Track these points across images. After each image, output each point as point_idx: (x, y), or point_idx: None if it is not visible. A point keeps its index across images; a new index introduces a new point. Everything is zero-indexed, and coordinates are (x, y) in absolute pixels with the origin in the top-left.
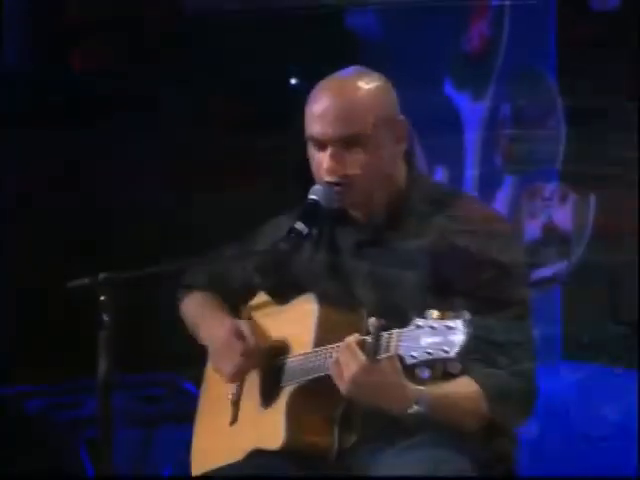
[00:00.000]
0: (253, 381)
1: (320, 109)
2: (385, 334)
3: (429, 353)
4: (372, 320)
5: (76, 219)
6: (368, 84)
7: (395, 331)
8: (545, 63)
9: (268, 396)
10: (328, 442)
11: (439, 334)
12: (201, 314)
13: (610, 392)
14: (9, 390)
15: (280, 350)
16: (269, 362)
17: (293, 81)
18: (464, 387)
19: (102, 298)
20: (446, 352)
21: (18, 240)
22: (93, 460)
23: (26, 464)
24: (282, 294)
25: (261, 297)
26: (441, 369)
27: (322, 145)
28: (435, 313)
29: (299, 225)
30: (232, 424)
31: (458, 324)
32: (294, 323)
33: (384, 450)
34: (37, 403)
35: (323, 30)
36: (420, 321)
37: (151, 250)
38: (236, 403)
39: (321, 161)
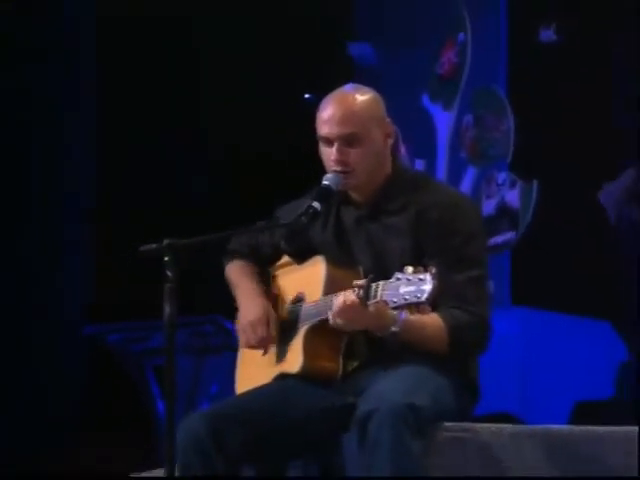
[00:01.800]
0: (281, 321)
1: (327, 115)
2: (374, 285)
3: (405, 299)
4: (361, 282)
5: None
6: (362, 95)
7: (381, 283)
8: (498, 82)
9: (290, 333)
10: (335, 367)
11: (413, 284)
12: (240, 283)
13: (549, 333)
14: (95, 327)
15: (298, 298)
16: (290, 307)
17: (307, 95)
18: (430, 319)
19: (166, 259)
20: (418, 297)
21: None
22: (159, 381)
23: (107, 385)
24: (301, 256)
25: (284, 259)
26: (415, 311)
27: (330, 142)
28: (410, 269)
29: (315, 204)
30: (264, 354)
31: (427, 276)
32: (308, 278)
33: (379, 372)
34: (116, 337)
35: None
36: (399, 275)
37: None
38: None
39: (330, 155)
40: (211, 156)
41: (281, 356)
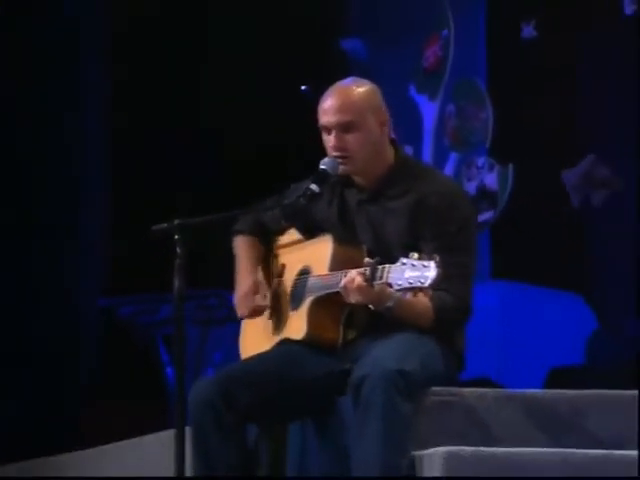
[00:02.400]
0: (286, 291)
1: (327, 105)
2: (380, 267)
3: (410, 283)
4: (367, 261)
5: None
6: (360, 87)
7: (387, 266)
8: (478, 75)
9: (296, 302)
10: (335, 336)
11: (418, 270)
12: (240, 260)
13: (526, 304)
14: (108, 300)
15: (304, 271)
16: (296, 279)
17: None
18: (420, 298)
19: (176, 237)
20: (422, 283)
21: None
22: (168, 349)
23: (119, 354)
24: (308, 233)
25: (291, 234)
26: (417, 294)
27: (329, 130)
28: (415, 255)
29: (313, 186)
30: (270, 318)
31: (431, 264)
32: (315, 253)
33: (374, 340)
34: (127, 310)
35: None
36: (404, 260)
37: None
38: (273, 305)
39: (329, 141)
40: (212, 153)
41: (286, 322)
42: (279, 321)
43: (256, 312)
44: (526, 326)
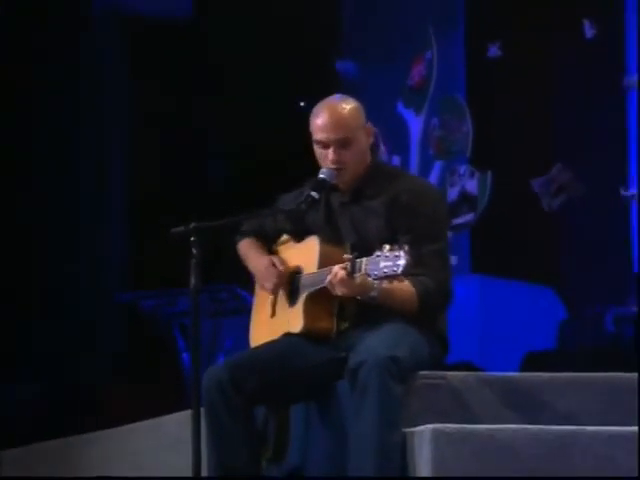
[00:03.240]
0: (284, 290)
1: (321, 121)
2: (358, 261)
3: (385, 272)
4: (346, 256)
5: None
6: (348, 105)
7: (364, 259)
8: (458, 91)
9: (292, 299)
10: (330, 326)
11: (390, 260)
12: (249, 252)
13: (503, 296)
14: (131, 295)
15: (297, 271)
16: (291, 278)
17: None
18: (403, 285)
19: (192, 239)
20: (395, 271)
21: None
22: (184, 337)
23: (140, 341)
24: (298, 235)
25: (284, 239)
26: (393, 280)
27: (326, 145)
28: (387, 247)
29: (313, 193)
30: (272, 316)
31: (401, 253)
32: (305, 254)
33: (365, 331)
34: (149, 303)
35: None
36: (378, 252)
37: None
38: (274, 304)
39: (326, 155)
40: (212, 154)
41: (285, 319)
42: (280, 318)
43: (281, 279)
44: (503, 315)
